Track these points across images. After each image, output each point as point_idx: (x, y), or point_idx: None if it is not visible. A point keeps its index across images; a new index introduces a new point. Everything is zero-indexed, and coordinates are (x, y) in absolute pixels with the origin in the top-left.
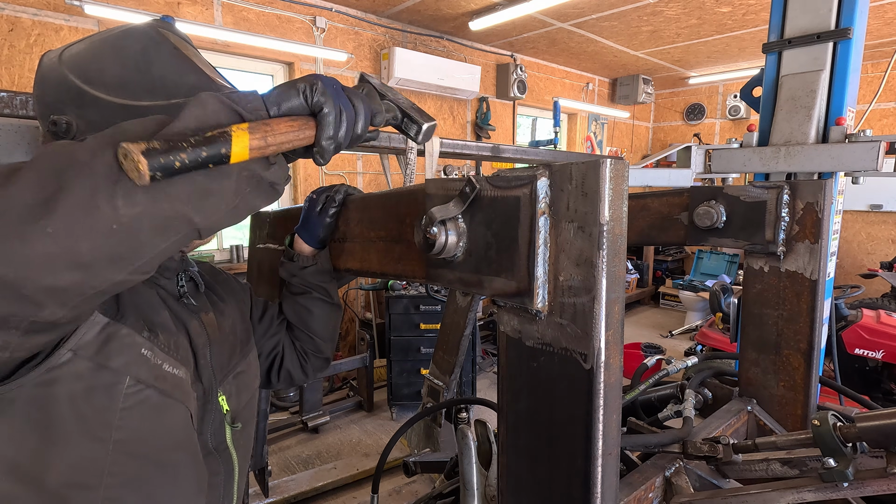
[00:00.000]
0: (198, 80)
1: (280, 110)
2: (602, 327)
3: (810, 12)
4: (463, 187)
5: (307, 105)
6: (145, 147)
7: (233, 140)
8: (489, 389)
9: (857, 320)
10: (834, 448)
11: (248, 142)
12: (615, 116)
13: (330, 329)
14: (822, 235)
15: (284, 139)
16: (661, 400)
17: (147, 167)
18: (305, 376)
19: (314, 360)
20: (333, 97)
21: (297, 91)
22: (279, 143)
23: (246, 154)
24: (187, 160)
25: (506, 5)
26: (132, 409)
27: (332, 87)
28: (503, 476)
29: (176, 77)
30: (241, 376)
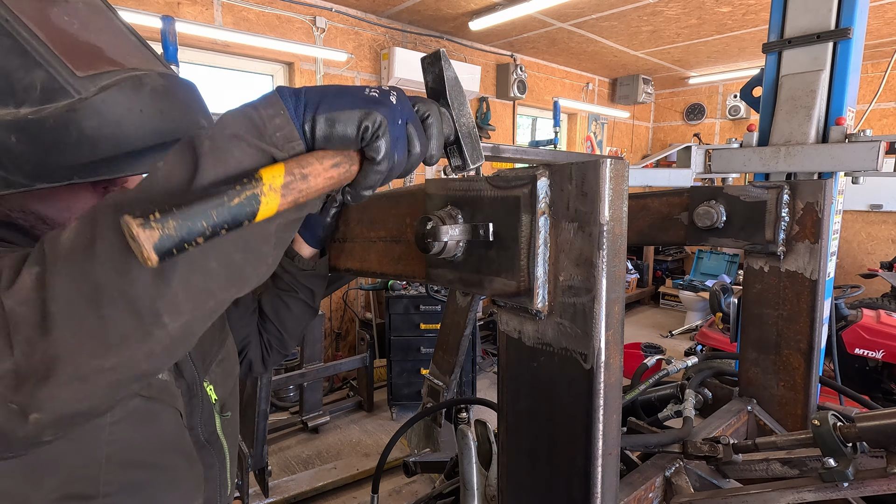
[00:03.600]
0: (47, 78)
1: (324, 142)
2: (602, 327)
3: (810, 12)
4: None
5: (360, 141)
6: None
7: (262, 202)
8: (489, 389)
9: (857, 320)
10: (834, 448)
11: (279, 200)
12: (615, 116)
13: (301, 329)
14: (822, 235)
15: (323, 185)
16: (661, 400)
17: (155, 255)
18: (264, 368)
19: (276, 355)
20: (392, 137)
21: (356, 122)
22: (317, 190)
23: (274, 210)
24: (206, 235)
25: (506, 5)
26: (121, 422)
27: (397, 123)
28: (503, 476)
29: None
30: (223, 363)
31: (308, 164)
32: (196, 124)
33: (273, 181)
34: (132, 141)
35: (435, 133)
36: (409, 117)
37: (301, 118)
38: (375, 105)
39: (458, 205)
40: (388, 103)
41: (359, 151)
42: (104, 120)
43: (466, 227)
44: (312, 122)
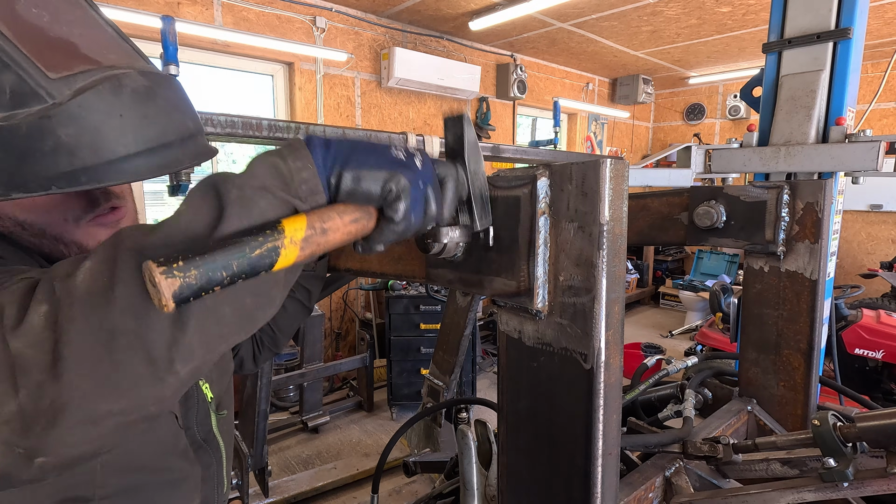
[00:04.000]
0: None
1: (346, 197)
2: (602, 327)
3: (810, 12)
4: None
5: (381, 200)
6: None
7: (281, 255)
8: (489, 389)
9: (857, 320)
10: (834, 448)
11: (297, 253)
12: (615, 116)
13: (294, 328)
14: (822, 235)
15: (340, 240)
16: (661, 400)
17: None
18: (255, 366)
19: (266, 353)
20: (412, 199)
21: (381, 182)
22: (334, 244)
23: (292, 261)
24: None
25: (506, 5)
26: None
27: (419, 186)
28: (503, 476)
29: None
30: (218, 361)
31: (329, 219)
32: (182, 127)
33: (294, 234)
34: (113, 148)
35: (451, 198)
36: (430, 181)
37: (328, 171)
38: (401, 168)
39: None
40: (413, 167)
41: (377, 208)
42: (81, 127)
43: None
44: (339, 177)
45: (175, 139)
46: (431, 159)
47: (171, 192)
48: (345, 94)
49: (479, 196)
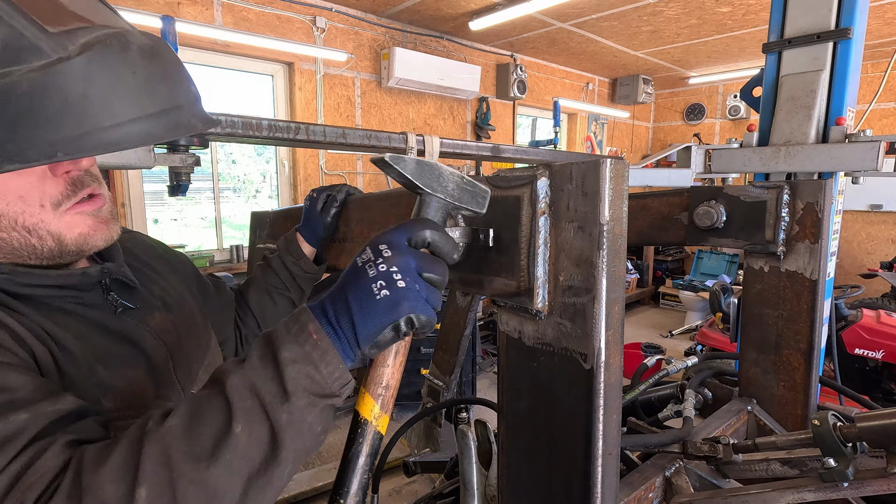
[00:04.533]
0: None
1: (377, 354)
2: (602, 327)
3: (810, 12)
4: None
5: (404, 334)
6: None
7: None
8: (489, 389)
9: (857, 320)
10: (834, 448)
11: (387, 418)
12: (615, 116)
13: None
14: (822, 235)
15: (400, 374)
16: (661, 400)
17: None
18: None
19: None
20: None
21: (391, 335)
22: (398, 381)
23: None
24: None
25: (506, 5)
26: None
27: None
28: (503, 476)
29: None
30: (210, 368)
31: (382, 375)
32: (188, 89)
33: (374, 415)
34: (126, 109)
35: (447, 250)
36: (420, 269)
37: (352, 359)
38: (397, 308)
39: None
40: (402, 292)
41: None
42: (93, 84)
43: (467, 231)
44: (363, 355)
45: (185, 102)
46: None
47: (171, 193)
48: (345, 94)
49: (461, 194)
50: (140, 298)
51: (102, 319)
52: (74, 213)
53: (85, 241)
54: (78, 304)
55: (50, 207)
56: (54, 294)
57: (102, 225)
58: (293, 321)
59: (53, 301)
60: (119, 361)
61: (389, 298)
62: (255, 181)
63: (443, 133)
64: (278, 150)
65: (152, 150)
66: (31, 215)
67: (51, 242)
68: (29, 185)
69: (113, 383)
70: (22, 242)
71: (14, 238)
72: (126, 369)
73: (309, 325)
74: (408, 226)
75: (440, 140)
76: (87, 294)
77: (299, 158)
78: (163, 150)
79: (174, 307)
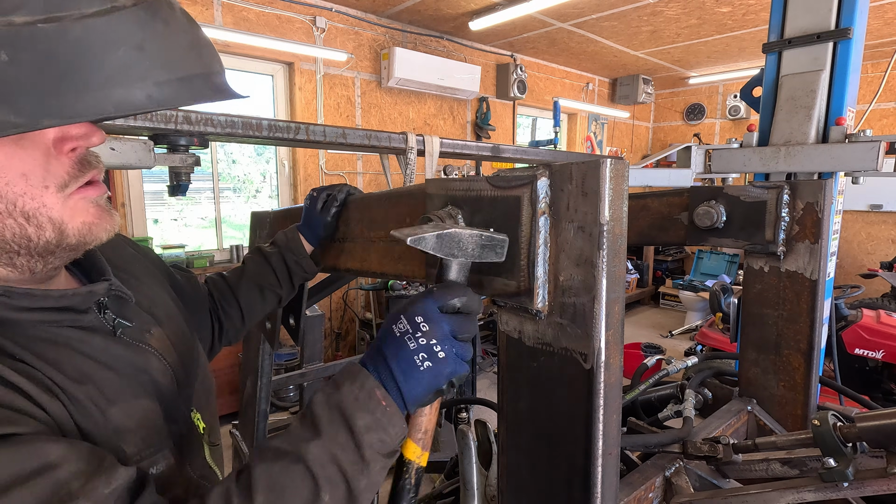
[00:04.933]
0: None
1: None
2: (602, 327)
3: (810, 12)
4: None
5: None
6: None
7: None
8: (489, 389)
9: (857, 320)
10: (834, 448)
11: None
12: (615, 116)
13: (261, 319)
14: (822, 235)
15: (435, 421)
16: (661, 400)
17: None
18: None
19: (225, 341)
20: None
21: (433, 396)
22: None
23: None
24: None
25: (506, 5)
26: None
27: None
28: (503, 476)
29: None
30: (204, 381)
31: (421, 424)
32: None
33: (419, 459)
34: (178, 66)
35: (475, 308)
36: (455, 333)
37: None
38: (439, 377)
39: (458, 205)
40: (443, 363)
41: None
42: (148, 37)
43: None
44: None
45: (220, 69)
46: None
47: (171, 193)
48: (345, 94)
49: (480, 251)
50: (133, 313)
51: (104, 347)
52: (79, 197)
53: (89, 231)
54: (74, 328)
55: (54, 189)
56: (50, 319)
57: (106, 215)
58: (358, 386)
59: (43, 328)
60: (130, 395)
61: (432, 369)
62: (255, 181)
63: (443, 133)
64: (278, 150)
65: (152, 150)
66: (33, 198)
67: (50, 232)
68: (34, 161)
69: (128, 424)
70: (15, 232)
71: (8, 227)
72: (137, 403)
73: (376, 391)
74: (438, 295)
75: (440, 140)
76: (86, 316)
77: (299, 158)
78: (163, 150)
79: (164, 320)
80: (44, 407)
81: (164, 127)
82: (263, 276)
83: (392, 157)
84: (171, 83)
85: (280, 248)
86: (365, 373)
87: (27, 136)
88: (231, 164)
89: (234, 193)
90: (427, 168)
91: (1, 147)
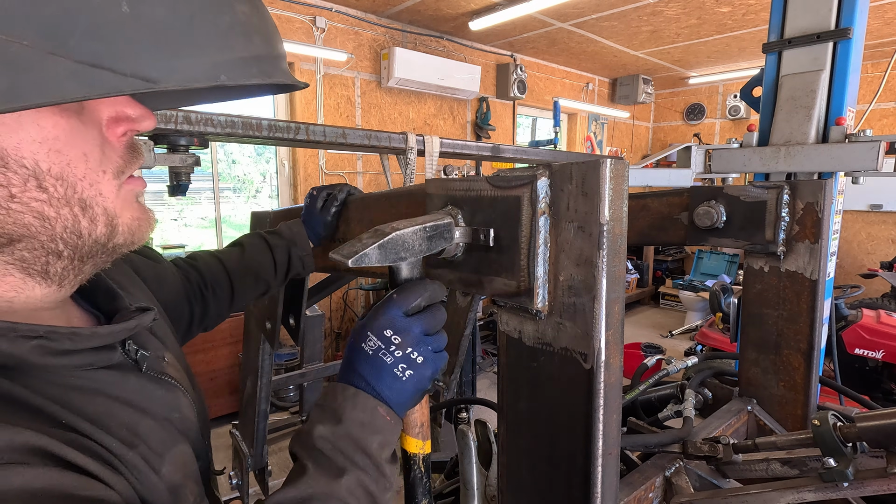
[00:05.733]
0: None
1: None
2: (602, 327)
3: (810, 12)
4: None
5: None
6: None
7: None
8: (489, 389)
9: (857, 320)
10: (834, 448)
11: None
12: (615, 116)
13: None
14: (822, 235)
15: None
16: (661, 400)
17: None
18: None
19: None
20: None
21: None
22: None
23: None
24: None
25: (506, 5)
26: None
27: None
28: (503, 476)
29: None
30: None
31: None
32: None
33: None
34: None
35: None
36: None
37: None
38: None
39: (458, 205)
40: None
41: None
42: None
43: (467, 231)
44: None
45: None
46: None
47: (171, 193)
48: (345, 94)
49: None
50: (145, 338)
51: (139, 389)
52: (129, 189)
53: (138, 228)
54: (106, 369)
55: (111, 175)
56: (89, 361)
57: (149, 213)
58: (360, 410)
59: (75, 374)
60: (171, 443)
61: (414, 376)
62: (255, 181)
63: (443, 133)
64: (278, 150)
65: (152, 150)
66: (91, 183)
67: (102, 226)
68: (93, 141)
69: (177, 479)
70: (68, 225)
71: (61, 218)
72: (178, 450)
73: (378, 409)
74: (400, 300)
75: (440, 140)
76: (115, 352)
77: (299, 158)
78: (163, 150)
79: (164, 338)
80: (112, 486)
81: (164, 127)
82: (263, 265)
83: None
84: (269, 59)
85: (287, 242)
86: (363, 394)
87: (87, 111)
88: (231, 164)
89: (234, 193)
90: (427, 168)
91: (66, 119)
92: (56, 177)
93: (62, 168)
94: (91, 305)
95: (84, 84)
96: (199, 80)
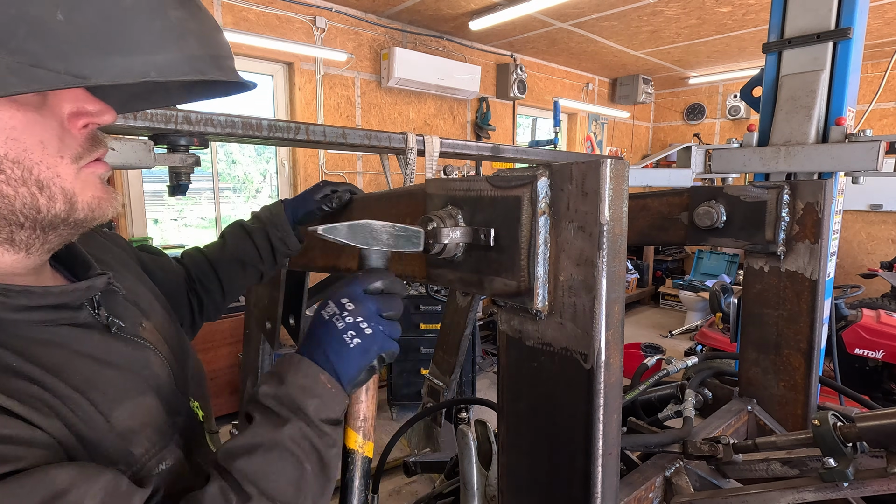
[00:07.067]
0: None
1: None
2: (602, 327)
3: (810, 12)
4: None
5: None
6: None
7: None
8: (489, 389)
9: (857, 320)
10: (834, 448)
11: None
12: (615, 116)
13: (242, 293)
14: (822, 235)
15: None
16: (661, 400)
17: None
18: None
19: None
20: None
21: (367, 373)
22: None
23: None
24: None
25: (506, 5)
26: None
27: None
28: (503, 476)
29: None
30: (196, 368)
31: (359, 411)
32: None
33: (362, 448)
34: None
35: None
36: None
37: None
38: (368, 351)
39: (459, 205)
40: (370, 338)
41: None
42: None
43: (468, 231)
44: (346, 393)
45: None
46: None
47: (171, 193)
48: (345, 94)
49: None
50: (122, 307)
51: (103, 345)
52: (90, 171)
53: (98, 205)
54: (70, 326)
55: (69, 160)
56: (48, 318)
57: (112, 192)
58: (302, 375)
59: (39, 329)
60: (133, 394)
61: (361, 345)
62: (255, 181)
63: (443, 133)
64: (278, 150)
65: (152, 150)
66: (48, 167)
67: (61, 204)
68: (51, 130)
69: (133, 425)
70: (26, 202)
71: (20, 196)
72: (141, 400)
73: (321, 376)
74: (363, 279)
75: (440, 140)
76: (81, 313)
77: (299, 158)
78: (163, 150)
79: (149, 310)
80: (42, 428)
81: (164, 127)
82: (245, 251)
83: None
84: (204, 58)
85: (264, 225)
86: (306, 361)
87: (47, 105)
88: (231, 164)
89: (234, 193)
90: (427, 168)
91: (22, 112)
92: (13, 160)
93: (18, 153)
94: (71, 275)
95: (24, 80)
96: (129, 77)
